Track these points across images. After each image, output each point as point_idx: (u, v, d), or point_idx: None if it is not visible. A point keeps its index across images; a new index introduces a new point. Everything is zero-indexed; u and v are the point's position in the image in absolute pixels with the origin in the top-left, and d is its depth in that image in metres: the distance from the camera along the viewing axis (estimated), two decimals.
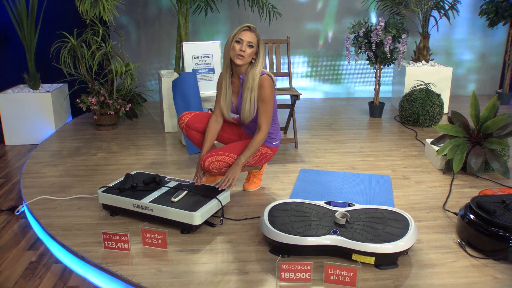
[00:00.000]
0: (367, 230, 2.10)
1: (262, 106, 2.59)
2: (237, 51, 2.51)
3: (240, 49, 2.50)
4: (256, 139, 2.61)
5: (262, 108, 2.59)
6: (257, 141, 2.62)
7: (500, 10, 4.91)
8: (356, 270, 1.90)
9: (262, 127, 2.61)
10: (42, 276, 2.19)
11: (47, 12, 4.36)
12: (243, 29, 2.53)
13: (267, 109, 2.60)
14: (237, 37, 2.52)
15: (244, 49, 2.50)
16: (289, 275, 1.95)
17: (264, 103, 2.59)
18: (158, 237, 2.21)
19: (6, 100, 4.02)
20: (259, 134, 2.61)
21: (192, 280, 1.98)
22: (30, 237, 2.55)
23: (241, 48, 2.50)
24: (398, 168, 3.31)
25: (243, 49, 2.50)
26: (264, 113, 2.60)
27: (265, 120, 2.61)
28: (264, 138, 2.64)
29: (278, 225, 2.15)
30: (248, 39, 2.51)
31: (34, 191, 2.93)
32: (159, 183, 2.62)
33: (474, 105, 3.15)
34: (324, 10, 5.48)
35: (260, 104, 2.59)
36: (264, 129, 2.61)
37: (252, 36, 2.52)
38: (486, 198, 2.33)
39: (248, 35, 2.51)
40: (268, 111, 2.60)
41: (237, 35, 2.52)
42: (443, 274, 2.03)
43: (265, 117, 2.61)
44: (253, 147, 2.62)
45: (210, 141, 2.75)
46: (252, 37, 2.52)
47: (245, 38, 2.51)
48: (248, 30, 2.53)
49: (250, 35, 2.52)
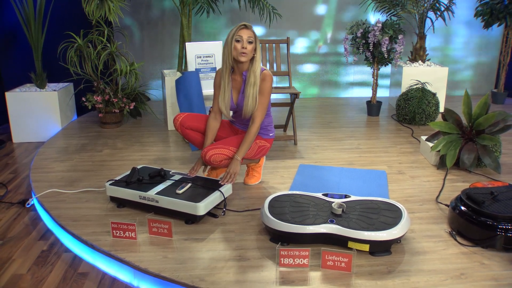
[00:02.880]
0: (362, 219, 2.22)
1: (260, 98, 2.74)
2: (240, 49, 2.65)
3: (242, 46, 2.65)
4: (251, 131, 2.76)
5: (260, 100, 2.74)
6: (252, 134, 2.76)
7: (495, 12, 5.03)
8: (351, 256, 2.02)
9: (256, 120, 2.76)
10: (53, 263, 2.30)
11: (54, 13, 4.48)
12: (240, 27, 2.68)
13: (264, 102, 2.75)
14: (236, 36, 2.66)
15: (245, 46, 2.65)
16: (288, 261, 2.07)
17: (263, 96, 2.74)
18: (163, 227, 2.33)
19: (14, 99, 4.14)
20: (253, 127, 2.76)
21: (196, 266, 2.10)
22: (41, 228, 2.67)
23: (242, 45, 2.65)
24: (394, 164, 3.43)
25: (245, 46, 2.65)
26: (260, 105, 2.75)
27: (259, 113, 2.76)
28: (258, 130, 2.79)
29: (278, 215, 2.27)
30: (247, 36, 2.66)
31: (43, 185, 3.05)
32: (164, 177, 2.74)
33: (467, 103, 3.27)
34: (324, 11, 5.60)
35: (259, 96, 2.74)
36: (257, 122, 2.77)
37: (250, 32, 2.68)
38: (475, 190, 2.45)
39: (246, 32, 2.67)
40: (264, 104, 2.76)
41: (236, 34, 2.66)
42: (433, 260, 2.14)
43: (261, 110, 2.76)
44: (249, 140, 2.77)
45: (211, 138, 2.90)
46: (250, 33, 2.68)
47: (244, 36, 2.65)
48: (245, 28, 2.68)
49: (247, 32, 2.67)
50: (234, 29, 2.68)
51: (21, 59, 4.65)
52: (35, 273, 2.21)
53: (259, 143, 2.88)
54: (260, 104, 2.75)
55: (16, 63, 4.62)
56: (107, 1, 3.97)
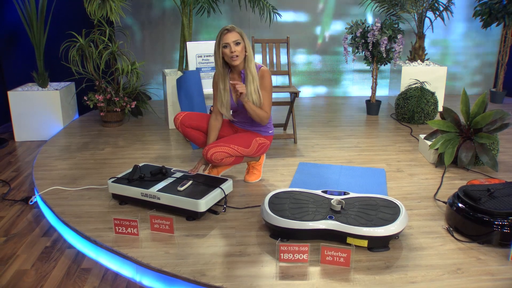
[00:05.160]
0: (361, 215, 2.26)
1: (264, 94, 2.79)
2: (229, 55, 2.68)
3: (231, 51, 2.66)
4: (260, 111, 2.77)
5: (264, 96, 2.79)
6: (259, 111, 2.76)
7: (493, 12, 5.06)
8: (350, 251, 2.06)
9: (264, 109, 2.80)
10: (57, 259, 2.34)
11: (55, 13, 4.52)
12: (224, 33, 2.67)
13: (269, 97, 2.81)
14: (222, 43, 2.67)
15: (234, 50, 2.66)
16: (287, 256, 2.11)
17: (265, 91, 2.79)
18: (165, 223, 2.37)
19: (16, 98, 4.18)
20: (262, 111, 2.78)
21: (197, 261, 2.14)
22: (44, 225, 2.70)
23: (231, 50, 2.66)
24: (393, 162, 3.47)
25: (233, 50, 2.66)
26: (266, 100, 2.80)
27: (267, 106, 2.81)
28: (264, 116, 2.79)
29: (278, 211, 2.30)
30: (232, 39, 2.66)
31: (46, 182, 3.09)
32: (165, 174, 2.77)
33: (465, 102, 3.30)
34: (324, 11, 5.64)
35: (262, 92, 2.78)
36: (266, 111, 2.79)
37: (234, 34, 2.67)
38: (472, 187, 2.48)
39: (230, 36, 2.66)
40: (269, 98, 2.81)
41: (222, 41, 2.67)
42: (431, 256, 2.18)
43: (267, 105, 2.81)
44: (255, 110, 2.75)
45: (213, 138, 2.94)
46: (235, 35, 2.67)
47: (229, 40, 2.66)
48: (228, 32, 2.67)
49: (232, 35, 2.66)
50: (218, 37, 2.68)
51: (23, 59, 4.68)
52: (39, 269, 2.25)
53: (259, 140, 2.91)
54: (265, 99, 2.79)
55: (18, 63, 4.66)
56: (108, 1, 4.01)
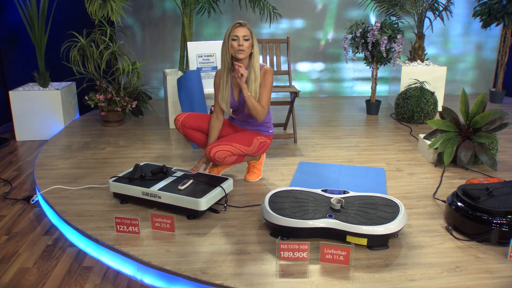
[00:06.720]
0: (360, 214, 2.27)
1: (263, 91, 2.80)
2: (236, 47, 2.71)
3: (239, 44, 2.70)
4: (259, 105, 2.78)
5: (263, 92, 2.80)
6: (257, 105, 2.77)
7: (493, 12, 5.07)
8: (349, 249, 2.07)
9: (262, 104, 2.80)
10: (58, 257, 2.36)
11: (57, 13, 4.54)
12: (235, 26, 2.73)
13: (267, 93, 2.82)
14: (232, 35, 2.72)
15: (242, 44, 2.70)
16: (287, 254, 2.12)
17: (265, 88, 2.80)
18: (166, 221, 2.38)
19: (17, 98, 4.19)
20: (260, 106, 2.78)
21: (198, 259, 2.15)
22: (45, 223, 2.72)
23: (239, 43, 2.71)
24: (392, 161, 3.48)
25: (241, 43, 2.70)
26: (265, 96, 2.80)
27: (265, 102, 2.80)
28: (262, 112, 2.80)
29: (278, 210, 2.32)
30: (242, 33, 2.71)
31: (47, 181, 3.11)
32: (166, 173, 2.79)
33: (464, 101, 3.32)
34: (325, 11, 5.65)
35: (262, 89, 2.80)
36: (264, 106, 2.80)
37: (245, 30, 2.73)
38: (471, 186, 2.50)
39: (241, 31, 2.72)
40: (268, 95, 2.82)
41: (232, 33, 2.72)
42: (430, 254, 2.19)
43: (265, 102, 2.80)
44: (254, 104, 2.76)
45: (214, 138, 2.96)
46: (245, 31, 2.73)
47: (240, 34, 2.71)
48: (240, 26, 2.73)
49: (243, 30, 2.72)
50: (229, 28, 2.74)
51: (25, 58, 4.70)
52: (41, 267, 2.26)
53: (260, 139, 2.93)
54: (264, 96, 2.80)
55: (20, 62, 4.68)
56: (109, 1, 4.03)
